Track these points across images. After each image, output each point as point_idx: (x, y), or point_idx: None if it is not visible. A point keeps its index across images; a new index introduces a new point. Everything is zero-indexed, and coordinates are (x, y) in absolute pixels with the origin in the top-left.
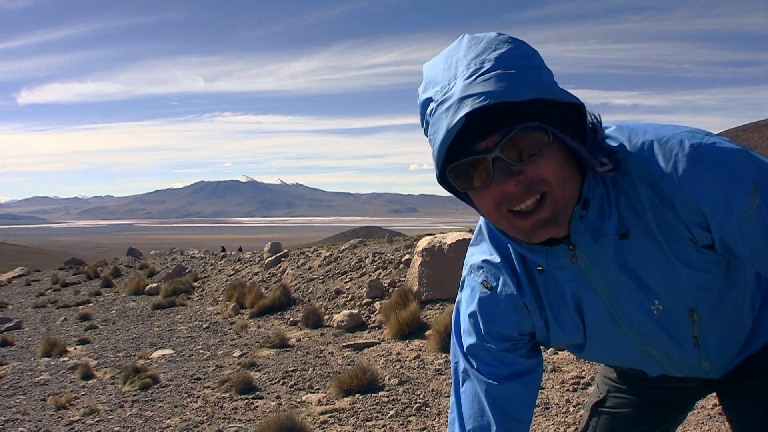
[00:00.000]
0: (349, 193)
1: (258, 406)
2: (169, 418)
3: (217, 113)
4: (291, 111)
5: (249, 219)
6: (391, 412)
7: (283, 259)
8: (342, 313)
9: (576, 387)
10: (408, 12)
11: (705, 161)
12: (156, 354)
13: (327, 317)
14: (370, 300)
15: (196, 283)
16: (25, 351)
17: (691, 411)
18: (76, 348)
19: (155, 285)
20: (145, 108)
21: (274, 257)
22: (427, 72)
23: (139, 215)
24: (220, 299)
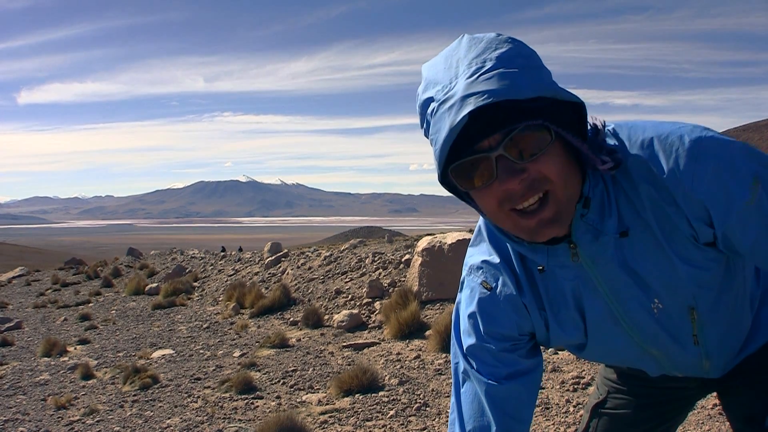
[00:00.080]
0: (349, 193)
1: (258, 406)
2: (169, 418)
3: (217, 113)
4: (291, 111)
5: (249, 219)
6: (391, 412)
7: (283, 259)
8: (342, 313)
9: (576, 387)
10: (408, 12)
11: (705, 155)
12: (156, 354)
13: (327, 317)
14: (370, 300)
15: (196, 283)
16: (25, 351)
17: (691, 411)
18: (76, 348)
19: (155, 285)
20: (145, 108)
21: (274, 257)
22: (427, 72)
23: (139, 215)
24: (220, 299)
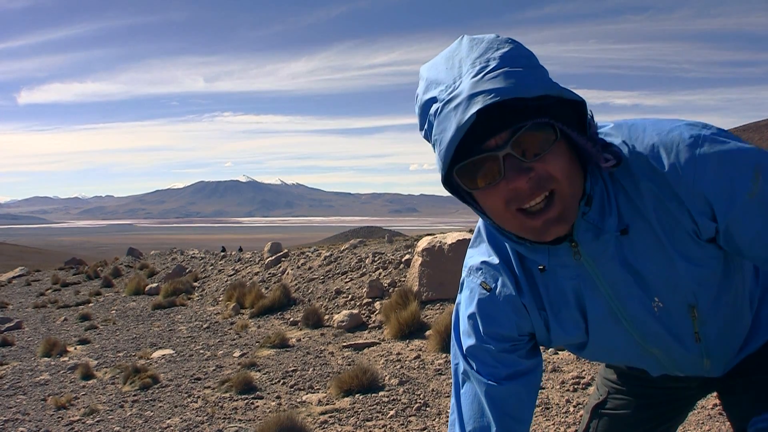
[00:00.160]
0: (349, 193)
1: (258, 406)
2: (170, 418)
3: (218, 113)
4: (291, 111)
5: (249, 219)
6: (392, 412)
7: (284, 259)
8: (342, 313)
9: (576, 387)
10: (408, 12)
11: (706, 149)
12: (156, 354)
13: (327, 317)
14: (370, 300)
15: (196, 283)
16: (26, 351)
17: (692, 411)
18: (76, 348)
19: (155, 285)
20: (145, 108)
21: (274, 257)
22: (427, 73)
23: (139, 215)
24: (220, 299)
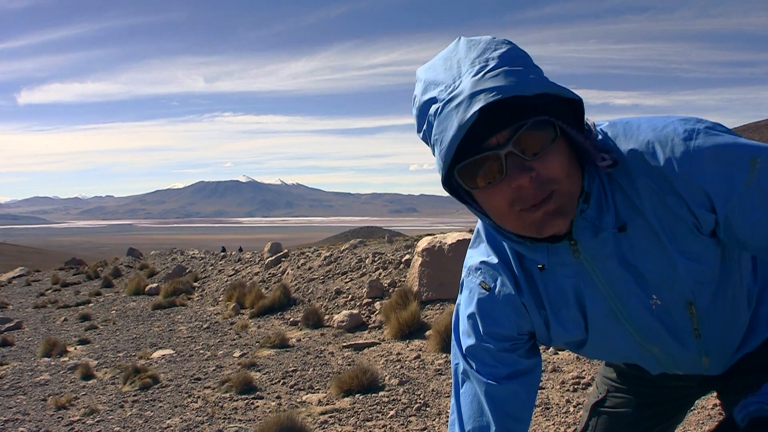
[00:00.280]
0: (349, 193)
1: (258, 406)
2: (170, 418)
3: (218, 113)
4: (291, 111)
5: (249, 219)
6: (392, 412)
7: (284, 259)
8: (342, 314)
9: (576, 387)
10: (408, 12)
11: (701, 142)
12: (156, 354)
13: (327, 317)
14: (370, 300)
15: (196, 284)
16: (26, 351)
17: (691, 411)
18: (76, 348)
19: (155, 285)
20: (146, 108)
21: (274, 257)
22: (425, 75)
23: (140, 215)
24: (220, 299)
